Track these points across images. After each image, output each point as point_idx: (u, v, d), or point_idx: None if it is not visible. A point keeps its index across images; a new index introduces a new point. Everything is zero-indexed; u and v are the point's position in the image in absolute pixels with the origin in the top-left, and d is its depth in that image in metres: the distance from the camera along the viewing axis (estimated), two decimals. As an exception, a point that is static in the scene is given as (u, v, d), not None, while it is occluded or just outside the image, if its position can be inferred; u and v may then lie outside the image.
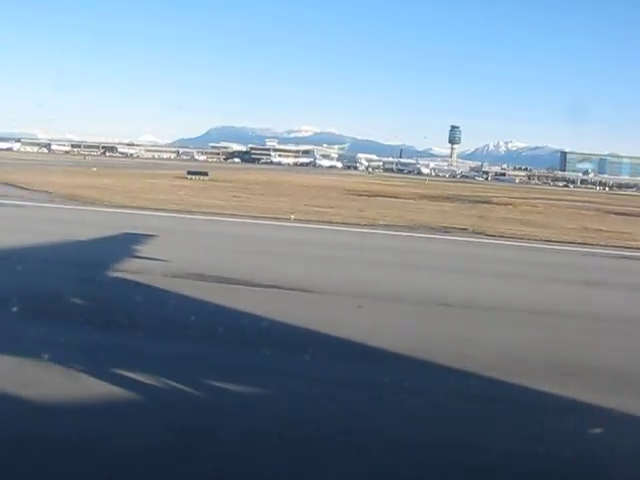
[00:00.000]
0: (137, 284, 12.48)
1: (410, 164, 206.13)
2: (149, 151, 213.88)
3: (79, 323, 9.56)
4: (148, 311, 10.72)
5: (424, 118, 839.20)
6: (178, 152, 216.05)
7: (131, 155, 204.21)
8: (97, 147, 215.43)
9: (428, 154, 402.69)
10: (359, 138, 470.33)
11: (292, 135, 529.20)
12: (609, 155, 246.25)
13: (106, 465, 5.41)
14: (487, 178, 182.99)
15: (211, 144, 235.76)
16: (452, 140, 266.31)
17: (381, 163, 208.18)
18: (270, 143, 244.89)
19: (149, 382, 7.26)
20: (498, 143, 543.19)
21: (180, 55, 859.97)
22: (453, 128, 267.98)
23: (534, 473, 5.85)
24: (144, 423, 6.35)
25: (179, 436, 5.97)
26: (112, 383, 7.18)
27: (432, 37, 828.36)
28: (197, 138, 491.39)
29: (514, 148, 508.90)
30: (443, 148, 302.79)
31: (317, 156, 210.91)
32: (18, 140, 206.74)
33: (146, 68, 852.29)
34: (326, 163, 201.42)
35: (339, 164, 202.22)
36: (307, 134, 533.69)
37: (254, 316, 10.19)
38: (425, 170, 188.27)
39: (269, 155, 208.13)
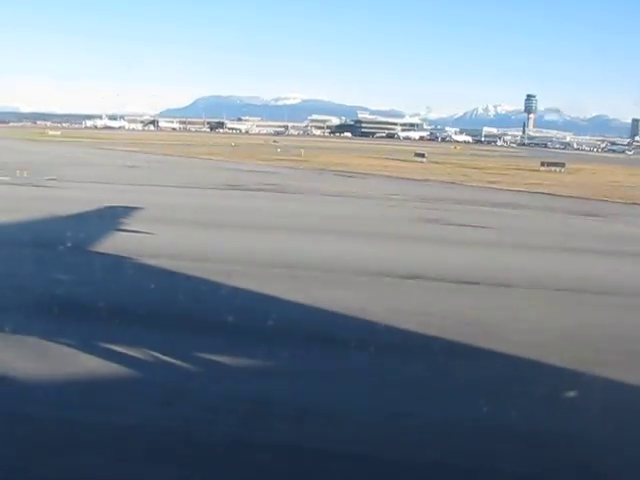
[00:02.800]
0: None
1: (537, 137, 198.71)
2: (259, 126, 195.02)
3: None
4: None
5: (411, 83, 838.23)
6: (287, 127, 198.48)
7: (240, 131, 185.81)
8: (202, 123, 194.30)
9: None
10: (347, 105, 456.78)
11: (280, 103, 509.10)
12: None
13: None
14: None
15: (310, 117, 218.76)
16: (528, 109, 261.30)
17: (517, 138, 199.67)
18: (361, 115, 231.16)
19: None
20: (487, 107, 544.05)
21: (165, 25, 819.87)
22: (529, 97, 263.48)
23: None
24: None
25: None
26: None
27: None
28: (184, 108, 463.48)
29: (503, 112, 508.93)
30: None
31: (451, 132, 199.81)
32: (122, 117, 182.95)
33: (130, 39, 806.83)
34: (459, 138, 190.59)
35: (469, 138, 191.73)
36: (295, 102, 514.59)
37: None
38: (575, 145, 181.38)
39: (393, 130, 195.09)
